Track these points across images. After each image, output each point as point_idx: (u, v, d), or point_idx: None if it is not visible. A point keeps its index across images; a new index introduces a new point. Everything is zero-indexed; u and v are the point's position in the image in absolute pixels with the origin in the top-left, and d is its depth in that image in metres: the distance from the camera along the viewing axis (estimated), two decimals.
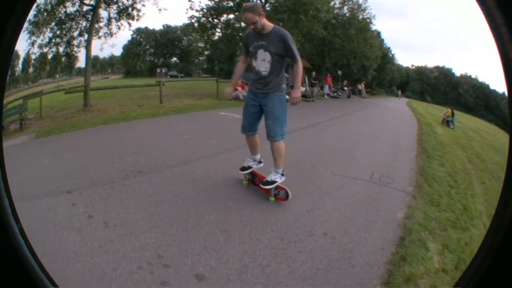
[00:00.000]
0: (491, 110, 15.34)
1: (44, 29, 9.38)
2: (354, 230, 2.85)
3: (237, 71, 3.48)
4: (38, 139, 5.84)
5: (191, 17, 13.94)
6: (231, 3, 13.81)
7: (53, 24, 9.46)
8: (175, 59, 15.76)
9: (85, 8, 9.40)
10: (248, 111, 3.31)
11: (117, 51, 14.62)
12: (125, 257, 2.18)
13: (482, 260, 0.72)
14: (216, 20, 14.05)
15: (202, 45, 15.59)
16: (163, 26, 15.88)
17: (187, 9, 14.29)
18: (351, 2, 16.59)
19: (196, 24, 14.03)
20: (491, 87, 15.97)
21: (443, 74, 17.80)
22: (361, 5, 16.73)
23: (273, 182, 3.23)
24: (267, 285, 2.06)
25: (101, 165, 3.99)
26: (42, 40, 9.50)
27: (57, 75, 11.50)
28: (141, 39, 15.21)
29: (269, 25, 3.11)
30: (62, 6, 9.34)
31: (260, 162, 3.53)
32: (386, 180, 4.26)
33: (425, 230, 2.96)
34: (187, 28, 14.88)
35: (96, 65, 12.84)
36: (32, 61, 10.38)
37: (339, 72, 17.49)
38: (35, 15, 8.84)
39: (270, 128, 3.20)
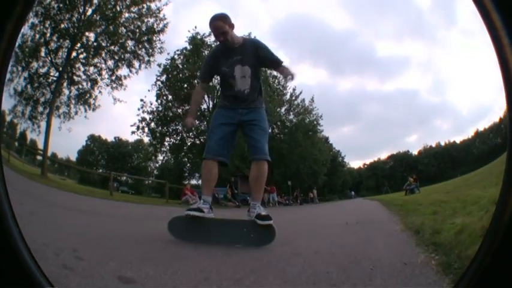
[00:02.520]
0: (460, 163, 15.18)
1: (20, 70, 9.49)
2: (358, 253, 2.01)
3: (195, 99, 3.04)
4: None
5: (142, 120, 13.03)
6: (179, 111, 13.24)
7: (26, 73, 9.62)
8: (126, 175, 15.37)
9: (52, 73, 9.81)
10: (221, 129, 2.67)
11: (73, 155, 14.50)
12: None
13: (482, 260, 0.72)
14: (165, 128, 13.56)
15: (151, 163, 15.18)
16: (114, 138, 15.50)
17: (138, 109, 13.24)
18: (297, 108, 16.37)
19: (146, 129, 13.17)
20: (459, 140, 16.02)
21: (399, 160, 17.57)
22: (308, 107, 16.39)
23: (269, 216, 2.44)
24: None
25: None
26: (17, 84, 9.54)
27: (23, 155, 10.84)
28: (95, 148, 15.18)
29: (238, 37, 2.75)
30: (35, 59, 9.49)
31: (211, 209, 2.59)
32: (366, 221, 3.70)
33: (436, 222, 2.57)
34: (137, 143, 14.81)
35: (54, 164, 12.28)
36: (6, 122, 9.59)
37: (289, 183, 17.00)
38: (18, 46, 8.87)
39: (259, 143, 2.62)
